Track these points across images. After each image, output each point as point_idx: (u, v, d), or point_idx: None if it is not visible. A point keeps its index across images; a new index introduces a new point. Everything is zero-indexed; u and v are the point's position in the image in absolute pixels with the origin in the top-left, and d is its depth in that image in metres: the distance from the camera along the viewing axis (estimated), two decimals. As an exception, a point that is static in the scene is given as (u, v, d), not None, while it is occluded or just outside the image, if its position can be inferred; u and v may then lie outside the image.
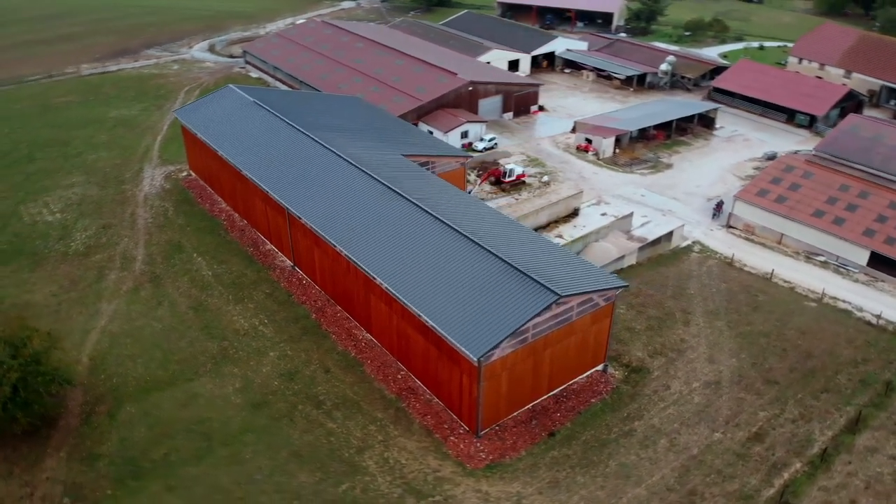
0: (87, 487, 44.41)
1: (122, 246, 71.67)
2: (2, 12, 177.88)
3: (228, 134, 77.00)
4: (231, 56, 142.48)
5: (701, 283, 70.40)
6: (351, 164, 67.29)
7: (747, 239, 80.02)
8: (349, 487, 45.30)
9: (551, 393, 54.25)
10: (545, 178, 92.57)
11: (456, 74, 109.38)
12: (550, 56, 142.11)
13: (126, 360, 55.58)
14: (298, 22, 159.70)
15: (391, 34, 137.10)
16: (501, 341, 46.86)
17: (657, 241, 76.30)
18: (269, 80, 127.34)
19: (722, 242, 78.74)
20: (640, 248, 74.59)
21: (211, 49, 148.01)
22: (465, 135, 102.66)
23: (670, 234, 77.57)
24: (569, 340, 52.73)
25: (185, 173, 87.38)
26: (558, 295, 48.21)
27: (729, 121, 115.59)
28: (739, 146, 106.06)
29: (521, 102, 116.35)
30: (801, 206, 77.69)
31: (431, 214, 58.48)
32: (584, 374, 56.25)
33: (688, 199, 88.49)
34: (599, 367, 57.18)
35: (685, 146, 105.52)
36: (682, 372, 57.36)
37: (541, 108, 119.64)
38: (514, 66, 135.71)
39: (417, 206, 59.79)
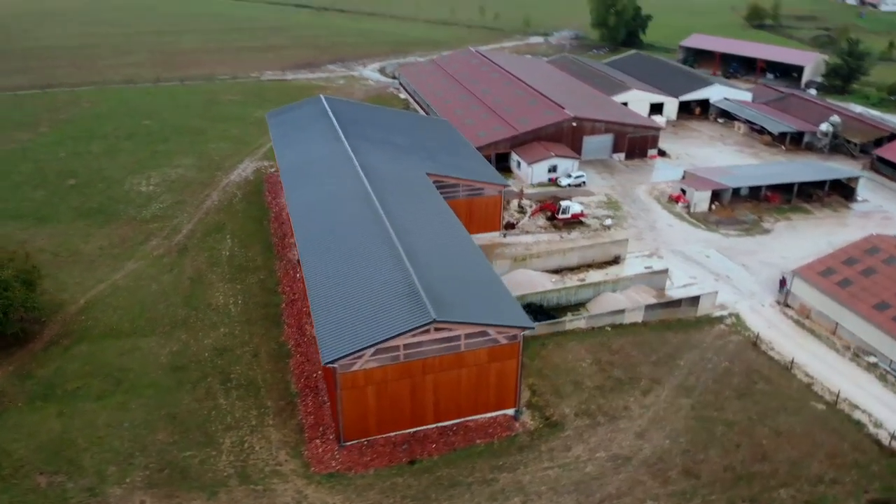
0: (8, 395, 52.86)
1: (179, 220, 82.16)
2: (236, 21, 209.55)
3: (290, 136, 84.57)
4: (393, 77, 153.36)
5: (701, 356, 62.32)
6: (357, 170, 70.38)
7: (798, 322, 68.73)
8: (191, 455, 48.33)
9: (440, 424, 52.32)
10: (608, 222, 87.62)
11: (563, 109, 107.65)
12: (705, 103, 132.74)
13: (109, 309, 64.29)
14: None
15: (533, 67, 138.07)
16: (357, 352, 46.82)
17: (676, 304, 68.80)
18: (411, 101, 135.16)
19: (765, 321, 68.56)
20: (651, 308, 67.84)
21: (381, 70, 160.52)
22: (553, 169, 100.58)
23: (696, 298, 69.42)
24: (458, 372, 50.64)
25: (273, 168, 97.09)
26: (433, 318, 46.91)
27: (880, 195, 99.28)
28: (873, 224, 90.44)
29: (635, 145, 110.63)
30: (865, 295, 65.01)
31: (385, 225, 59.50)
32: (487, 415, 53.32)
33: (761, 269, 78.08)
34: (509, 412, 53.77)
35: (802, 214, 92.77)
36: (596, 439, 51.80)
37: (661, 154, 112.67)
38: (657, 109, 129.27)
39: (380, 215, 61.14)
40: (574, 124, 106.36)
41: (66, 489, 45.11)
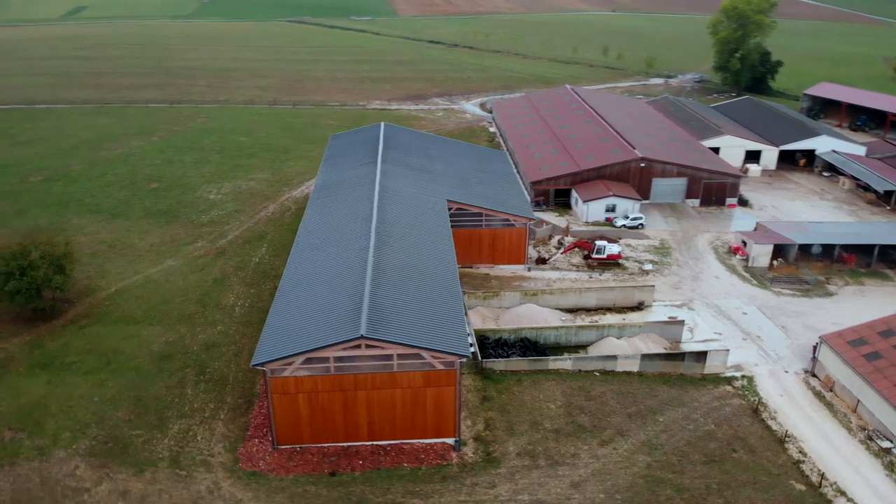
0: (15, 360, 59.99)
1: (229, 226, 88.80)
2: (371, 53, 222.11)
3: (336, 158, 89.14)
4: (489, 111, 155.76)
5: (686, 416, 57.79)
6: (373, 193, 72.73)
7: (818, 394, 61.69)
8: (137, 435, 52.13)
9: (376, 443, 52.56)
10: (648, 267, 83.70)
11: (633, 149, 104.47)
12: (812, 155, 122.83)
13: (132, 299, 70.87)
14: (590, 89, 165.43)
15: (626, 107, 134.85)
16: (285, 358, 48.63)
17: (678, 357, 64.32)
18: (498, 134, 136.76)
19: (780, 388, 62.26)
20: (648, 358, 63.90)
21: (481, 105, 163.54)
22: (612, 209, 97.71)
23: (703, 354, 64.45)
24: (392, 392, 50.84)
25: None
26: (361, 335, 47.85)
27: None
28: (966, 298, 79.36)
29: (712, 191, 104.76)
30: (892, 372, 57.21)
31: (369, 243, 61.14)
32: (425, 441, 52.81)
33: (802, 333, 71.02)
34: (449, 440, 52.93)
35: (879, 280, 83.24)
36: (526, 481, 49.61)
37: (743, 203, 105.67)
38: (753, 156, 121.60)
39: (369, 234, 62.90)
40: (642, 165, 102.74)
41: (22, 445, 50.42)
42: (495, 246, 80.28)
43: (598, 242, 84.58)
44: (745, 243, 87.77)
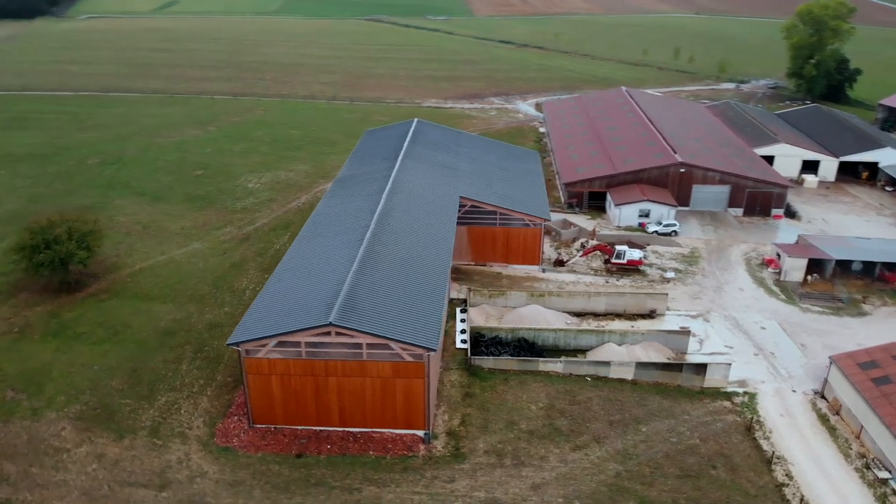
0: (32, 327, 64.30)
1: (260, 214, 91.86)
2: (439, 52, 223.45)
3: (363, 152, 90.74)
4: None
5: (672, 428, 55.90)
6: (385, 186, 73.66)
7: (822, 417, 58.32)
8: (126, 403, 54.96)
9: (347, 429, 53.41)
10: (670, 275, 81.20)
11: (674, 153, 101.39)
12: (875, 167, 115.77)
13: (152, 277, 74.53)
14: (653, 92, 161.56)
15: (680, 110, 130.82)
16: (258, 339, 50.20)
17: (675, 368, 62.20)
18: (546, 135, 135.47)
19: (782, 407, 59.25)
20: (643, 367, 62.11)
21: (536, 105, 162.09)
22: (645, 214, 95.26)
23: (702, 367, 62.07)
24: (362, 381, 51.57)
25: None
26: (329, 322, 48.88)
27: None
28: None
29: (756, 200, 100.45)
30: (898, 399, 53.48)
31: (364, 234, 62.15)
32: (396, 431, 53.26)
33: (821, 352, 67.15)
34: (420, 433, 53.21)
35: (923, 302, 77.77)
36: (486, 479, 49.29)
37: (791, 215, 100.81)
38: (810, 167, 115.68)
39: (368, 225, 63.91)
40: (682, 170, 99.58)
41: (20, 405, 54.11)
42: (509, 245, 79.74)
43: (618, 247, 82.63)
44: (779, 256, 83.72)
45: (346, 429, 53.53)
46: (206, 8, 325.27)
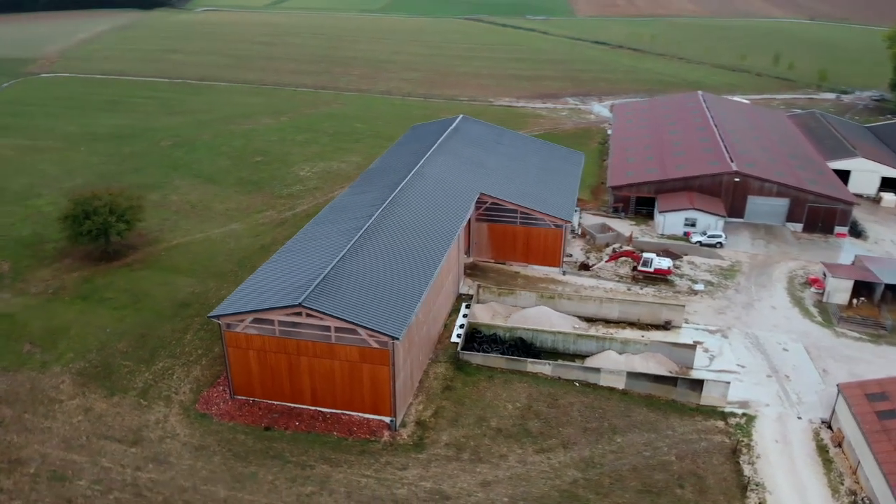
0: (65, 290, 70.30)
1: (302, 200, 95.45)
2: (533, 52, 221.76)
3: (400, 146, 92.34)
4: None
5: (649, 442, 53.76)
6: (402, 180, 74.82)
7: (822, 448, 54.23)
8: (125, 365, 59.15)
9: (319, 409, 55.00)
10: (698, 287, 77.71)
11: (730, 162, 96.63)
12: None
13: (185, 252, 79.30)
14: (739, 99, 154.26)
15: (755, 118, 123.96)
16: (236, 314, 52.76)
17: (669, 381, 59.65)
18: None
19: (779, 434, 55.55)
20: (634, 377, 59.98)
21: (611, 107, 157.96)
22: (692, 223, 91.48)
23: (699, 383, 59.17)
24: (332, 363, 52.99)
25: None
26: (298, 303, 50.67)
27: None
28: None
29: (818, 216, 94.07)
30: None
31: (363, 224, 63.64)
32: (364, 415, 54.33)
33: (843, 380, 62.41)
34: (386, 419, 54.04)
35: None
36: (438, 470, 49.47)
37: (857, 234, 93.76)
38: (890, 184, 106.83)
39: (370, 216, 65.41)
40: (736, 179, 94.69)
41: (32, 357, 59.44)
42: (529, 245, 78.83)
43: (646, 255, 79.81)
44: (824, 275, 78.10)
45: (318, 408, 55.14)
46: (316, 5, 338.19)
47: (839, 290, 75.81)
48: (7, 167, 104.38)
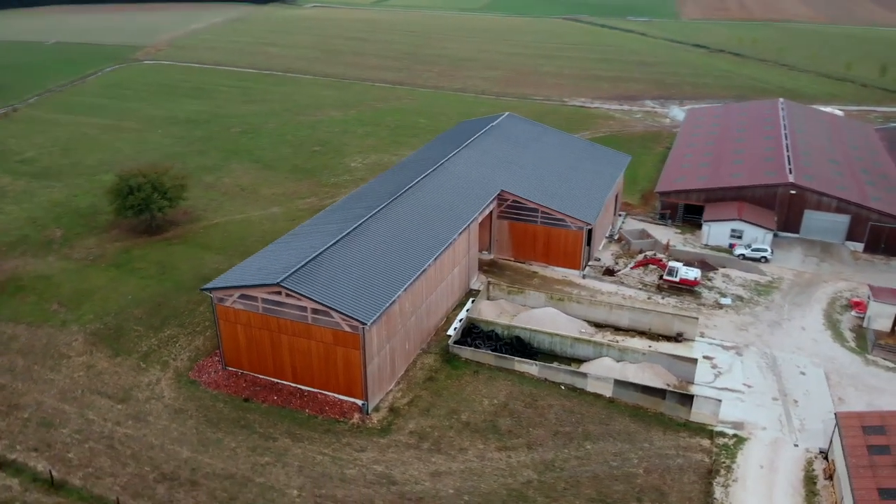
0: (104, 257, 76.20)
1: (346, 189, 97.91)
2: (619, 53, 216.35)
3: (444, 139, 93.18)
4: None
5: (619, 453, 52.07)
6: (424, 172, 75.82)
7: (810, 479, 50.66)
8: (135, 330, 63.58)
9: (299, 386, 56.95)
10: (725, 301, 74.20)
11: (788, 173, 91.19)
12: None
13: (221, 231, 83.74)
14: (830, 110, 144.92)
15: (834, 130, 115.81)
16: (224, 288, 55.63)
17: (657, 393, 57.42)
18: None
19: (767, 460, 52.35)
20: (621, 386, 58.16)
21: (688, 111, 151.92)
22: (738, 234, 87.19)
23: (688, 398, 56.62)
24: (308, 343, 54.77)
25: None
26: (277, 282, 52.85)
27: None
28: None
29: (882, 236, 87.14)
30: (887, 473, 44.89)
31: (369, 213, 65.22)
32: (339, 396, 55.78)
33: (862, 409, 58.08)
34: (358, 402, 55.25)
35: None
36: (394, 456, 50.16)
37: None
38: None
39: (378, 206, 66.92)
40: (792, 192, 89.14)
41: (58, 315, 64.92)
42: (549, 245, 77.70)
43: (672, 264, 76.80)
44: (869, 299, 72.36)
45: (298, 385, 57.10)
46: (417, 3, 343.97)
47: (881, 316, 69.96)
48: (87, 144, 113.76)
